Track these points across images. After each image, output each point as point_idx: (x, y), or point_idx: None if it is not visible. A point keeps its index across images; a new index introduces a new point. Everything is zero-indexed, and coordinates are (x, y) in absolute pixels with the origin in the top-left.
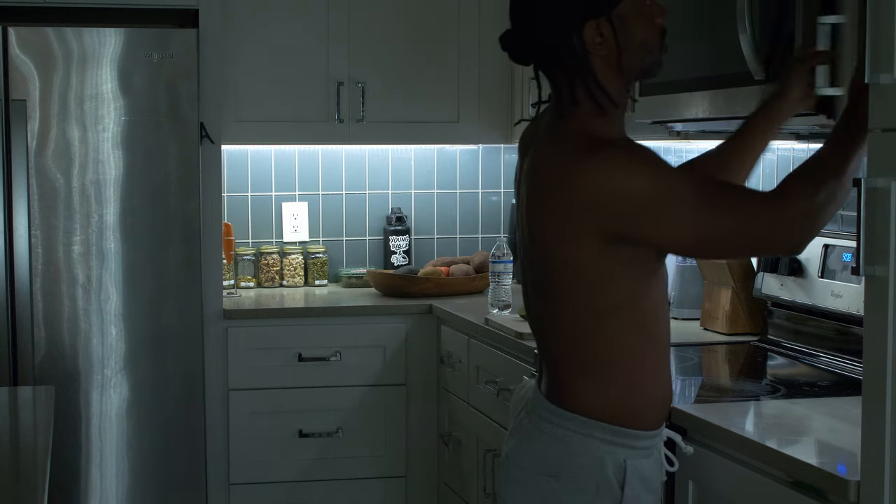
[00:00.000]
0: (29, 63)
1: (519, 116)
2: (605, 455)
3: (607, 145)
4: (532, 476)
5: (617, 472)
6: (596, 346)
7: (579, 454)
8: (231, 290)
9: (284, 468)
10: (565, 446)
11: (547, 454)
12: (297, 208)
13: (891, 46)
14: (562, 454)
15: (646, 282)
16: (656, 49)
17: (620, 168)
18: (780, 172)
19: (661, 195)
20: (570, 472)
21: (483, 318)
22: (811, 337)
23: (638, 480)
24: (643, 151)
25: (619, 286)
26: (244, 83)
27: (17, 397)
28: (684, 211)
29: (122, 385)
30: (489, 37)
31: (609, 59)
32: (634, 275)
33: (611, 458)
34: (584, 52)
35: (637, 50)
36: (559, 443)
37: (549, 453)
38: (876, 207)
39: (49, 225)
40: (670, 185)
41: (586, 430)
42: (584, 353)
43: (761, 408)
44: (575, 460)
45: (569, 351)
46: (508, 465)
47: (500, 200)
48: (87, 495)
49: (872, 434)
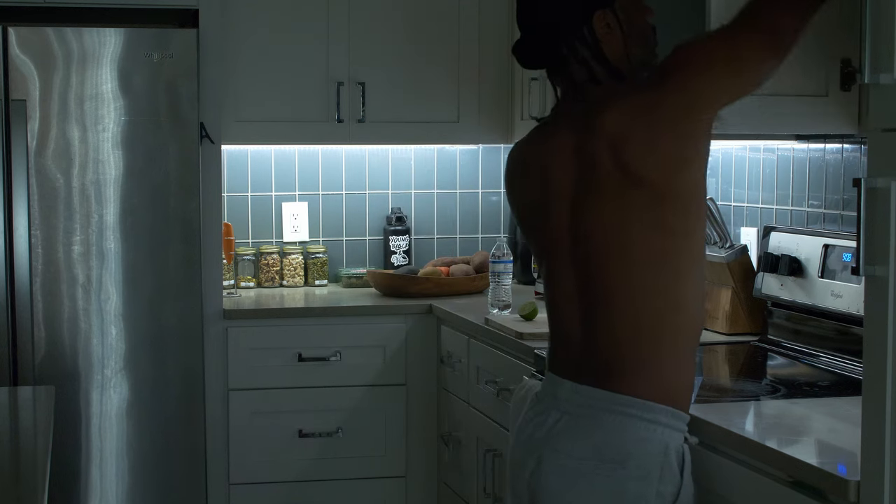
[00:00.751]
0: (29, 63)
1: (519, 116)
2: (669, 440)
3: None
4: (594, 467)
5: (678, 458)
6: (650, 327)
7: (645, 440)
8: (231, 290)
9: (284, 468)
10: (630, 432)
11: (610, 442)
12: (297, 208)
13: (891, 46)
14: (626, 441)
15: (691, 261)
16: (652, 41)
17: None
18: (781, 172)
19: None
20: (637, 458)
21: (483, 318)
22: (811, 337)
23: (687, 465)
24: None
25: (679, 247)
26: (244, 83)
27: (17, 397)
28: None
29: (122, 385)
30: (489, 37)
31: (616, 46)
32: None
33: (673, 442)
34: (595, 40)
35: (638, 37)
36: (623, 430)
37: (612, 441)
38: (876, 207)
39: (49, 225)
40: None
41: (651, 416)
42: (641, 335)
43: (761, 408)
44: (641, 446)
45: (625, 334)
46: (556, 458)
47: (499, 200)
48: (87, 495)
49: (872, 434)
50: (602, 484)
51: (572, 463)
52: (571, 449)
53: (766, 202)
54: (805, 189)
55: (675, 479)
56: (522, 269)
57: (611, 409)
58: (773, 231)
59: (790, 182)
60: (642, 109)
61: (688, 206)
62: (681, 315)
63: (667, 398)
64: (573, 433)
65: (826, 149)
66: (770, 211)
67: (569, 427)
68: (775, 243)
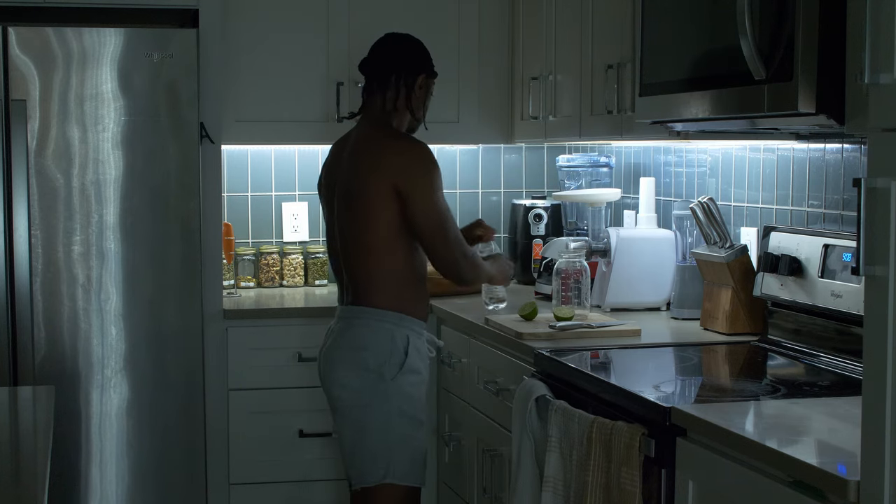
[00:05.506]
0: (29, 63)
1: (519, 116)
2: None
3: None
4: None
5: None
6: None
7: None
8: (231, 290)
9: (284, 468)
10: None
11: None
12: (297, 208)
13: (891, 46)
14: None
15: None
16: (418, 123)
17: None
18: (781, 172)
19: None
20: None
21: (483, 318)
22: (811, 337)
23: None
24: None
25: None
26: (244, 83)
27: (17, 397)
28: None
29: (122, 385)
30: (489, 37)
31: (415, 103)
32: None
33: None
34: (411, 88)
35: (420, 110)
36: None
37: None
38: (876, 207)
39: (49, 225)
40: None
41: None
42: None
43: (761, 408)
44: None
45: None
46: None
47: (499, 200)
48: (87, 495)
49: (872, 434)
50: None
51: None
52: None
53: (766, 202)
54: (805, 189)
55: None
56: (522, 270)
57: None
58: (773, 231)
59: (790, 182)
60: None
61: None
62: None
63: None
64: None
65: (826, 149)
66: (770, 211)
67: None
68: (775, 243)
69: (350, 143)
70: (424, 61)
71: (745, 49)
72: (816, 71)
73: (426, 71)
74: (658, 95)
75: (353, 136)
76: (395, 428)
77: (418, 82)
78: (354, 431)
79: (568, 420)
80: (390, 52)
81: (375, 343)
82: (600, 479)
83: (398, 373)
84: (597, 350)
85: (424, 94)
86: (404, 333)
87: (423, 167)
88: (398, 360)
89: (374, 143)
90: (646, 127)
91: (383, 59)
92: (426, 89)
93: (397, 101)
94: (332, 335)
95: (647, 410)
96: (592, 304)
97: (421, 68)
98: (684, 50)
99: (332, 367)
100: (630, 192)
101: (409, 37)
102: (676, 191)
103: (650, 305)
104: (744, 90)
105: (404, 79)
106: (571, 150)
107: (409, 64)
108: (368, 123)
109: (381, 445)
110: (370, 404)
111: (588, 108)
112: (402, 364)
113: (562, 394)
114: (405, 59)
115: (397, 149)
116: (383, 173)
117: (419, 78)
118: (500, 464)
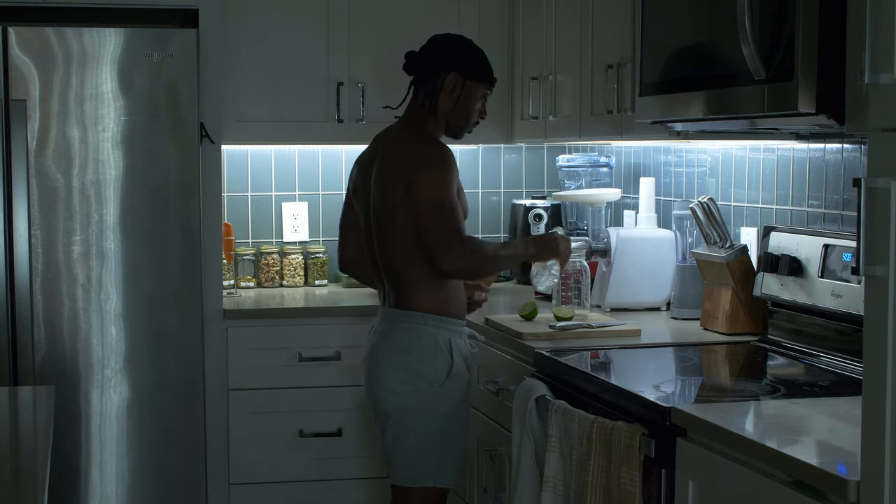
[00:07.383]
0: (29, 63)
1: (519, 116)
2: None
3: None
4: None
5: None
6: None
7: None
8: (231, 290)
9: (284, 468)
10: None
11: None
12: (297, 208)
13: (891, 46)
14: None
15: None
16: (469, 126)
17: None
18: (781, 172)
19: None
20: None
21: (483, 317)
22: (811, 337)
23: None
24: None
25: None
26: (244, 83)
27: (17, 397)
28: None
29: (122, 385)
30: (489, 37)
31: (446, 104)
32: None
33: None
34: (439, 87)
35: (463, 112)
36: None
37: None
38: (876, 207)
39: (49, 225)
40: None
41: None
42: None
43: (761, 408)
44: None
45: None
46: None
47: (499, 200)
48: (87, 495)
49: (872, 434)
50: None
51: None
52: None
53: (766, 202)
54: (805, 189)
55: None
56: (522, 269)
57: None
58: (773, 231)
59: (790, 182)
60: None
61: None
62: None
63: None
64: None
65: (826, 149)
66: (770, 211)
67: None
68: (775, 243)
69: (381, 143)
70: (457, 59)
71: (745, 49)
72: (816, 71)
73: (459, 70)
74: (658, 95)
75: (383, 136)
76: (438, 433)
77: (447, 81)
78: (398, 434)
79: (568, 420)
80: (424, 47)
81: (420, 347)
82: (600, 479)
83: (446, 379)
84: (597, 350)
85: (459, 96)
86: (446, 336)
87: (429, 162)
88: (444, 365)
89: (396, 145)
90: (646, 127)
91: (415, 55)
92: (464, 92)
93: (425, 101)
94: (377, 335)
95: (647, 410)
96: (592, 304)
97: (450, 66)
98: (684, 50)
99: (378, 368)
100: (630, 192)
101: (451, 36)
102: (676, 191)
103: (650, 305)
104: (744, 90)
105: (430, 76)
106: (571, 150)
107: (436, 60)
108: (400, 123)
109: (424, 450)
110: (416, 409)
111: (588, 108)
112: (449, 370)
113: (562, 394)
114: (432, 54)
115: (411, 148)
116: (398, 174)
117: (448, 76)
118: (500, 464)
